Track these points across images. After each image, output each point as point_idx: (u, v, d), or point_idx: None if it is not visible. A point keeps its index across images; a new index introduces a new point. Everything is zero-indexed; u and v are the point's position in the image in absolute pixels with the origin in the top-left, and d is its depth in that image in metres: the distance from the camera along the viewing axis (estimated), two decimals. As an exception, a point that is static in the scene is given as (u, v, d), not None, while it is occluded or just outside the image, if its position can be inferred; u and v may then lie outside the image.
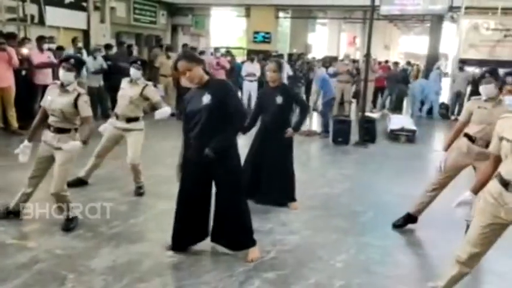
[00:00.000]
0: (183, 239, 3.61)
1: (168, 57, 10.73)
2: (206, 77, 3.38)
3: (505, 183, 2.62)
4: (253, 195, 4.63)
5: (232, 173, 3.44)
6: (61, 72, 3.86)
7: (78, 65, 3.95)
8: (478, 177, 3.02)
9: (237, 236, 3.56)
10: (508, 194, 2.60)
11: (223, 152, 3.29)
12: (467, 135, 4.03)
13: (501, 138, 2.66)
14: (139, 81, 4.97)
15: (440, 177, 4.18)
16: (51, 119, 3.89)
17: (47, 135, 3.91)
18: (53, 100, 3.84)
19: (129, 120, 4.93)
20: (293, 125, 4.81)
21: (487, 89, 3.86)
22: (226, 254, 3.59)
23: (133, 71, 4.94)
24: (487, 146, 3.86)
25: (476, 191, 2.89)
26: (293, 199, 4.83)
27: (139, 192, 4.94)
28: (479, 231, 2.74)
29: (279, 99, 4.63)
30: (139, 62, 5.04)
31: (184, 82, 3.49)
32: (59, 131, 3.87)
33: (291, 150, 4.87)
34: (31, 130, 4.06)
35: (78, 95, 3.85)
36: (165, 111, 5.00)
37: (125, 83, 5.04)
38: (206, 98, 3.27)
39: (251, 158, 4.73)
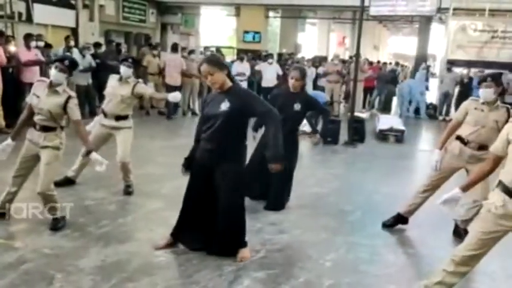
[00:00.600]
0: (184, 234, 3.60)
1: (154, 55, 10.67)
2: (229, 84, 3.37)
3: (509, 192, 2.62)
4: (263, 198, 4.69)
5: (237, 178, 3.43)
6: (53, 71, 3.78)
7: (71, 67, 3.88)
8: (472, 175, 3.02)
9: (231, 239, 3.54)
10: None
11: (279, 154, 3.28)
12: (459, 138, 4.04)
13: (509, 142, 2.66)
14: (130, 80, 4.92)
15: (432, 179, 4.19)
16: (37, 118, 3.83)
17: (33, 134, 3.86)
18: (41, 100, 3.78)
19: (119, 118, 4.88)
20: (321, 132, 4.99)
21: (486, 92, 3.87)
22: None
23: (124, 69, 4.89)
24: (479, 148, 3.90)
25: (466, 189, 2.90)
26: (288, 198, 4.89)
27: (128, 191, 4.90)
28: (479, 236, 2.75)
29: (297, 106, 4.61)
30: (130, 60, 4.99)
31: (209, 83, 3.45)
32: (45, 129, 3.82)
33: (297, 156, 4.87)
34: (16, 128, 3.99)
35: (69, 97, 3.79)
36: (175, 94, 5.12)
37: (113, 80, 4.95)
38: (224, 105, 3.27)
39: (260, 159, 4.52)
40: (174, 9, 16.89)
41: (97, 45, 10.28)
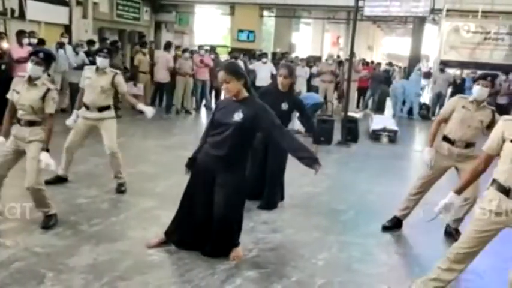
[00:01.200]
0: (177, 234, 3.59)
1: (144, 54, 10.64)
2: (245, 94, 3.35)
3: (505, 190, 2.66)
4: (257, 198, 4.68)
5: (238, 189, 3.43)
6: (29, 65, 3.76)
7: (47, 59, 3.84)
8: (465, 177, 3.02)
9: (224, 242, 3.54)
10: (509, 201, 2.64)
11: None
12: (446, 139, 4.07)
13: (504, 140, 2.68)
14: (107, 70, 4.88)
15: (424, 180, 4.21)
16: (20, 113, 3.79)
17: (18, 130, 3.81)
18: (21, 95, 3.75)
19: (102, 109, 4.84)
20: (314, 140, 4.79)
21: (482, 90, 3.90)
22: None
23: (100, 60, 4.84)
24: (466, 146, 3.94)
25: (460, 191, 2.91)
26: (283, 197, 4.90)
27: (120, 189, 4.88)
28: (474, 235, 2.78)
29: (285, 106, 4.55)
30: (105, 51, 4.95)
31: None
32: (30, 124, 3.78)
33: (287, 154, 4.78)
34: (5, 126, 3.94)
35: (48, 90, 3.76)
36: (151, 109, 4.98)
37: (89, 72, 4.89)
38: (238, 116, 3.26)
39: (255, 161, 4.57)
40: (168, 8, 16.84)
41: (90, 42, 10.23)
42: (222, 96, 9.46)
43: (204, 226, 3.48)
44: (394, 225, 4.36)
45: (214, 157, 3.35)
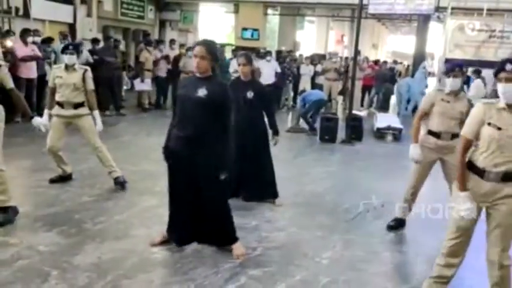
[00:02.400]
0: (174, 232, 3.59)
1: (150, 52, 10.65)
2: (210, 73, 3.33)
3: (479, 172, 2.71)
4: (237, 193, 4.69)
5: (217, 164, 3.34)
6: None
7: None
8: (457, 172, 2.95)
9: (221, 232, 3.55)
10: (483, 182, 2.70)
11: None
12: (431, 132, 4.12)
13: (486, 124, 2.68)
14: (77, 67, 4.91)
15: (416, 178, 4.25)
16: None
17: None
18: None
19: (77, 106, 4.87)
20: (273, 131, 4.78)
21: (455, 82, 3.98)
22: (211, 251, 3.58)
23: (68, 57, 4.86)
24: (451, 138, 3.99)
25: (462, 186, 2.81)
26: (276, 195, 4.83)
27: (119, 182, 4.89)
28: (457, 223, 2.79)
29: (250, 94, 4.56)
30: (70, 47, 4.97)
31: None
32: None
33: (268, 144, 4.81)
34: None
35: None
36: (100, 125, 4.94)
37: (59, 71, 4.91)
38: (201, 92, 3.24)
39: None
40: (172, 6, 16.85)
41: (95, 41, 10.24)
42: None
43: (195, 216, 3.48)
44: (398, 224, 4.35)
45: (183, 139, 3.30)
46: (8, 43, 7.79)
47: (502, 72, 2.67)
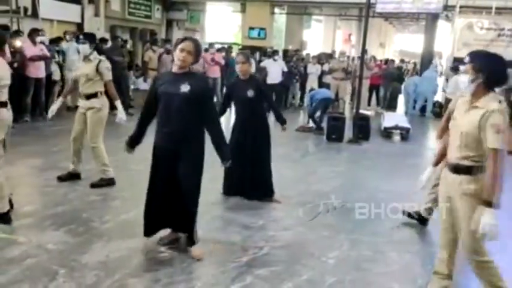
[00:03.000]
0: (154, 223, 3.60)
1: (154, 51, 10.68)
2: (188, 69, 3.41)
3: (448, 163, 2.85)
4: (242, 192, 4.75)
5: (196, 162, 3.41)
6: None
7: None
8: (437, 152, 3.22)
9: (184, 221, 3.51)
10: (448, 172, 2.83)
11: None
12: None
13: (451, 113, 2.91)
14: (92, 57, 4.91)
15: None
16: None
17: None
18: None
19: (89, 97, 4.87)
20: (280, 122, 4.95)
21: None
22: (218, 250, 3.60)
23: (82, 47, 4.92)
24: None
25: (436, 164, 3.15)
26: (272, 191, 4.85)
27: (99, 183, 4.88)
28: (442, 215, 2.95)
29: (250, 93, 4.59)
30: (81, 37, 5.02)
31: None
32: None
33: (270, 142, 4.86)
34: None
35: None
36: (122, 116, 4.90)
37: (79, 62, 5.01)
38: (185, 87, 3.28)
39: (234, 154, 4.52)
40: (179, 5, 16.89)
41: (103, 40, 10.27)
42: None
43: (169, 206, 3.49)
44: (418, 219, 4.36)
45: (168, 134, 3.33)
46: (17, 43, 7.84)
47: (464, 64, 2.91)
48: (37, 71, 8.05)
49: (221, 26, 23.62)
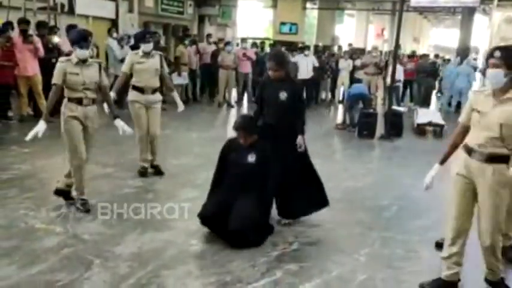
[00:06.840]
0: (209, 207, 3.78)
1: (185, 46, 10.77)
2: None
3: (469, 151, 2.99)
4: (285, 212, 4.16)
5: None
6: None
7: (82, 39, 4.09)
8: (447, 149, 3.33)
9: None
10: (470, 160, 2.98)
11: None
12: None
13: (473, 110, 2.99)
14: (153, 53, 5.11)
15: None
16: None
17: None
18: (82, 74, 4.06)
19: (155, 91, 5.12)
20: (299, 131, 4.10)
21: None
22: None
23: (147, 46, 5.05)
24: None
25: (443, 162, 3.35)
26: (326, 203, 4.24)
27: (157, 170, 5.17)
28: (455, 199, 3.11)
29: (283, 95, 4.03)
30: (148, 36, 5.14)
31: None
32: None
33: (306, 148, 4.20)
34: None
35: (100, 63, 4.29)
36: (182, 105, 5.33)
37: (138, 57, 5.05)
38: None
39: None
40: (211, 1, 16.98)
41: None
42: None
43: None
44: None
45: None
46: (55, 39, 8.06)
47: (491, 58, 2.88)
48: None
49: (252, 21, 23.63)
